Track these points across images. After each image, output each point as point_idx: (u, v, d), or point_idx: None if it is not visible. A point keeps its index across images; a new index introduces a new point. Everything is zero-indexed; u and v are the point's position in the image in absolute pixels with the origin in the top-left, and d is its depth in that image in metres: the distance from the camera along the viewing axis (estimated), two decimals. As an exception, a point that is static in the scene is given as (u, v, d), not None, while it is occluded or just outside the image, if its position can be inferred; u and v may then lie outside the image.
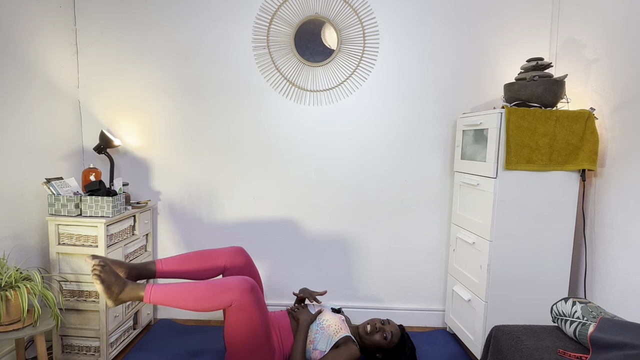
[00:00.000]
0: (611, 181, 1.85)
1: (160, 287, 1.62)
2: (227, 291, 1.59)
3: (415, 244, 2.50)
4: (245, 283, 1.62)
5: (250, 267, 1.98)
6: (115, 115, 2.45)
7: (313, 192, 2.48)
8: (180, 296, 1.59)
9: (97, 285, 1.55)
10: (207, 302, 1.58)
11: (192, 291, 1.59)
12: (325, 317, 1.94)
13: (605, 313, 1.45)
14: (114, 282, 1.57)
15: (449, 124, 2.42)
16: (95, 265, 1.57)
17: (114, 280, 1.57)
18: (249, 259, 1.98)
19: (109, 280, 1.56)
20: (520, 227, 1.92)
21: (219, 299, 1.58)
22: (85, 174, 2.18)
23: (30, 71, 2.04)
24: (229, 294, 1.59)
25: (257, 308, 1.63)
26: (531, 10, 2.32)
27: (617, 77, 1.84)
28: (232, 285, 1.61)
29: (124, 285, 1.59)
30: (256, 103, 2.42)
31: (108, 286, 1.55)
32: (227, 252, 1.93)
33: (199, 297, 1.58)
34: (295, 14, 2.34)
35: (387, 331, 1.90)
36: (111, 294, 1.56)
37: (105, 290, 1.55)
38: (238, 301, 1.59)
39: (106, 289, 1.55)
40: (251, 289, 1.62)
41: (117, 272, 1.61)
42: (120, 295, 1.58)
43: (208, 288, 1.60)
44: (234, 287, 1.60)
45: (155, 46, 2.39)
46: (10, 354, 1.93)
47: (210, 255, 1.90)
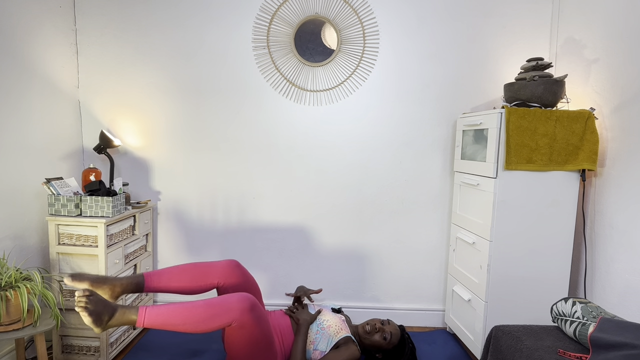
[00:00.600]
0: (611, 181, 1.85)
1: (155, 309, 1.50)
2: (227, 312, 1.51)
3: (415, 244, 2.50)
4: (245, 302, 1.55)
5: (247, 280, 1.87)
6: (115, 115, 2.45)
7: (313, 192, 2.48)
8: (178, 320, 1.49)
9: (84, 318, 1.41)
10: (207, 324, 1.50)
11: (190, 314, 1.49)
12: (325, 318, 1.94)
13: (605, 313, 1.45)
14: (102, 310, 1.43)
15: (449, 124, 2.41)
16: (80, 297, 1.42)
17: (103, 309, 1.44)
18: (244, 272, 1.87)
19: (97, 310, 1.42)
20: (520, 227, 1.92)
21: (219, 320, 1.51)
22: (85, 174, 2.18)
23: (30, 71, 2.04)
24: (228, 315, 1.51)
25: (257, 325, 1.58)
26: (531, 10, 2.32)
27: (617, 77, 1.84)
28: (231, 305, 1.53)
29: (114, 311, 1.46)
30: (256, 103, 2.42)
31: (97, 316, 1.42)
32: (220, 267, 1.81)
33: (198, 321, 1.49)
34: (295, 14, 2.34)
35: (387, 332, 1.90)
36: (100, 322, 1.43)
37: (94, 322, 1.42)
38: (239, 321, 1.53)
39: (95, 320, 1.42)
40: (251, 308, 1.55)
41: (104, 299, 1.48)
42: (110, 322, 1.45)
43: (207, 309, 1.51)
44: (234, 308, 1.52)
45: (155, 46, 2.39)
46: (10, 354, 1.93)
47: (203, 271, 1.78)
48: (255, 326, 1.57)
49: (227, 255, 2.54)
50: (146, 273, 1.74)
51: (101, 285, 1.61)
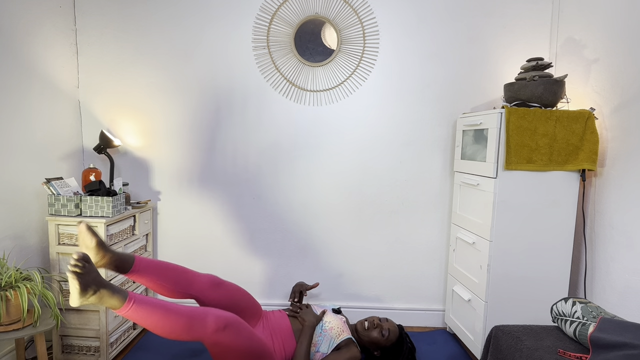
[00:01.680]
0: (611, 181, 1.85)
1: (142, 305, 1.46)
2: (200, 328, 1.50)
3: (415, 244, 2.50)
4: (219, 322, 1.53)
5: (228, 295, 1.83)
6: (115, 115, 2.45)
7: (313, 192, 2.48)
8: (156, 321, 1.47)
9: (72, 282, 1.36)
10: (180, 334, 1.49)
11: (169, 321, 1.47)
12: (327, 319, 1.93)
13: (605, 313, 1.45)
14: (91, 281, 1.38)
15: (449, 124, 2.41)
16: (77, 261, 1.37)
17: (92, 280, 1.39)
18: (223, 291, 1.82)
19: (86, 280, 1.38)
20: (520, 227, 1.92)
21: (192, 333, 1.50)
22: (85, 174, 2.18)
23: (30, 71, 2.04)
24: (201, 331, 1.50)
25: (236, 340, 1.55)
26: (531, 10, 2.32)
27: (617, 77, 1.84)
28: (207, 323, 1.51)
29: (101, 287, 1.40)
30: (256, 103, 2.42)
31: (85, 286, 1.37)
32: (202, 282, 1.79)
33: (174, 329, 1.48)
34: (295, 14, 2.34)
35: (385, 328, 1.91)
36: (84, 293, 1.38)
37: (80, 290, 1.37)
38: (209, 339, 1.52)
39: (81, 289, 1.37)
40: (225, 327, 1.53)
41: (97, 271, 1.44)
42: (93, 296, 1.40)
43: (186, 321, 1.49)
44: (208, 326, 1.51)
45: (155, 46, 2.39)
46: (10, 354, 1.93)
47: (188, 279, 1.77)
48: (232, 343, 1.55)
49: (227, 255, 2.53)
50: (138, 257, 1.70)
51: (100, 249, 1.58)
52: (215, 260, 2.54)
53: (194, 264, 2.53)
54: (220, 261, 2.54)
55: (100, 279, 1.42)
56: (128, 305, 1.44)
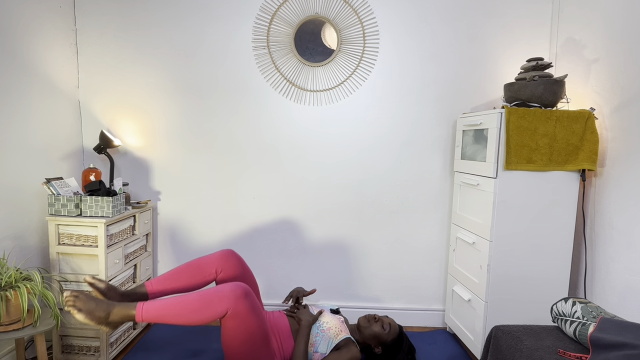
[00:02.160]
0: (611, 181, 1.85)
1: (152, 303, 1.54)
2: (220, 300, 1.53)
3: (415, 244, 2.50)
4: (238, 289, 1.56)
5: (243, 270, 1.91)
6: (115, 115, 2.45)
7: (313, 192, 2.48)
8: (173, 311, 1.52)
9: (76, 316, 1.47)
10: (201, 314, 1.52)
11: (185, 305, 1.53)
12: (325, 319, 1.93)
13: (605, 313, 1.45)
14: (94, 307, 1.48)
15: (449, 124, 2.42)
16: (68, 297, 1.48)
17: (95, 306, 1.48)
18: (240, 260, 1.91)
19: (87, 308, 1.47)
20: (520, 227, 1.92)
21: (213, 309, 1.53)
22: (85, 174, 2.19)
23: (30, 71, 2.04)
24: (222, 303, 1.53)
25: (252, 313, 1.59)
26: (531, 10, 2.32)
27: (617, 77, 1.84)
28: (225, 293, 1.55)
29: (110, 307, 1.50)
30: (256, 103, 2.42)
31: (89, 313, 1.47)
32: (216, 257, 1.86)
33: (193, 311, 1.52)
34: (295, 14, 2.34)
35: (386, 322, 1.94)
36: (98, 319, 1.48)
37: (88, 318, 1.47)
38: (233, 309, 1.54)
39: (88, 316, 1.47)
40: (245, 295, 1.56)
41: (94, 297, 1.52)
42: (110, 319, 1.50)
43: (200, 299, 1.53)
44: (227, 296, 1.54)
45: (155, 46, 2.39)
46: (10, 354, 1.93)
47: (200, 265, 1.83)
48: (249, 315, 1.57)
49: (227, 255, 2.53)
50: (147, 282, 1.80)
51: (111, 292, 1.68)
52: (215, 260, 2.53)
53: (194, 264, 2.53)
54: (220, 261, 2.54)
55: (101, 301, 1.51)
56: (140, 308, 1.52)
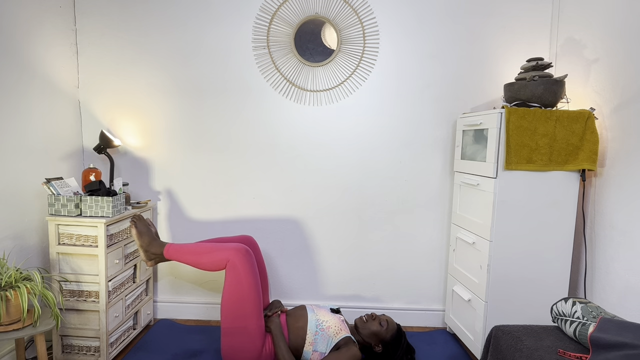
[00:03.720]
0: (611, 181, 1.85)
1: (175, 246, 1.92)
2: (224, 250, 1.83)
3: (415, 244, 2.50)
4: (240, 247, 1.84)
5: (257, 255, 2.15)
6: (115, 115, 2.45)
7: (313, 192, 2.48)
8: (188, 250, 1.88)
9: (132, 231, 1.91)
10: (207, 257, 1.83)
11: (197, 248, 1.88)
12: (325, 318, 1.93)
13: (605, 313, 1.45)
14: (145, 232, 1.91)
15: (449, 124, 2.42)
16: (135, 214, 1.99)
17: (146, 231, 1.92)
18: (256, 247, 2.17)
19: (142, 230, 1.91)
20: (520, 227, 1.92)
21: (217, 255, 1.82)
22: (85, 174, 2.18)
23: (30, 71, 2.04)
24: (225, 252, 1.82)
25: (249, 271, 1.81)
26: (531, 10, 2.32)
27: (617, 77, 1.84)
28: (229, 246, 1.85)
29: (152, 239, 1.92)
30: (256, 103, 2.43)
31: (141, 234, 1.90)
32: (236, 241, 2.10)
33: (201, 253, 1.85)
34: (295, 14, 2.34)
35: (383, 319, 1.96)
36: (143, 242, 1.89)
37: (138, 237, 1.89)
38: (232, 260, 1.80)
39: (139, 236, 1.90)
40: (245, 252, 1.83)
41: (149, 228, 1.95)
42: (150, 247, 1.90)
43: (209, 246, 1.87)
44: (231, 248, 1.83)
45: (155, 46, 2.39)
46: (10, 354, 1.93)
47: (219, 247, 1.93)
48: (246, 272, 1.80)
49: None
50: (167, 245, 1.96)
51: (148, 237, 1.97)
52: (215, 260, 2.54)
53: (194, 264, 2.54)
54: (220, 261, 2.54)
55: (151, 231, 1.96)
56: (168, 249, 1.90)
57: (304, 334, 1.88)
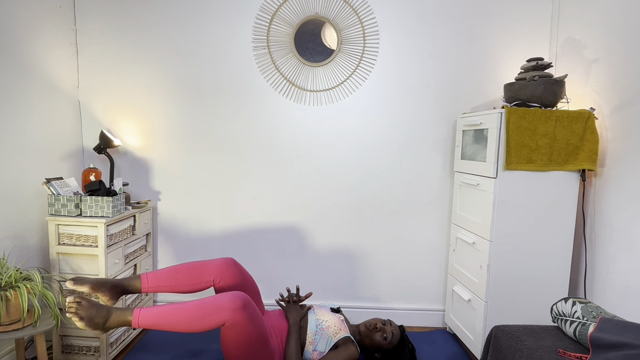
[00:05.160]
0: (611, 181, 1.85)
1: (149, 310, 1.54)
2: (218, 311, 1.52)
3: (415, 244, 2.50)
4: (237, 301, 1.55)
5: (243, 278, 1.88)
6: (115, 115, 2.45)
7: (313, 192, 2.48)
8: (170, 320, 1.52)
9: (77, 323, 1.48)
10: (199, 324, 1.52)
11: (183, 313, 1.52)
12: (324, 318, 1.93)
13: (605, 313, 1.45)
14: (94, 314, 1.49)
15: (449, 124, 2.41)
16: (70, 303, 1.49)
17: (95, 313, 1.50)
18: (240, 270, 1.88)
19: (89, 315, 1.49)
20: (520, 227, 1.92)
21: (211, 320, 1.52)
22: (85, 174, 2.19)
23: (30, 71, 2.04)
24: (220, 314, 1.52)
25: (250, 323, 1.58)
26: (531, 10, 2.32)
27: (617, 77, 1.84)
28: (223, 304, 1.54)
29: (108, 314, 1.51)
30: (256, 103, 2.42)
31: (89, 320, 1.49)
32: (216, 265, 1.82)
33: (190, 320, 1.51)
34: (295, 14, 2.34)
35: (388, 332, 1.90)
36: (96, 326, 1.50)
37: (87, 326, 1.48)
38: (231, 320, 1.53)
39: (88, 324, 1.48)
40: (243, 307, 1.55)
41: (96, 303, 1.53)
42: (107, 324, 1.51)
43: (199, 309, 1.53)
44: (226, 307, 1.53)
45: (155, 46, 2.39)
46: (10, 354, 1.93)
47: (199, 270, 1.80)
48: (248, 325, 1.57)
49: (226, 255, 2.53)
50: (143, 274, 1.78)
51: (101, 288, 1.67)
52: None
53: (194, 264, 2.53)
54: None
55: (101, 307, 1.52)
56: (136, 316, 1.52)
57: (304, 334, 1.88)
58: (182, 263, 1.83)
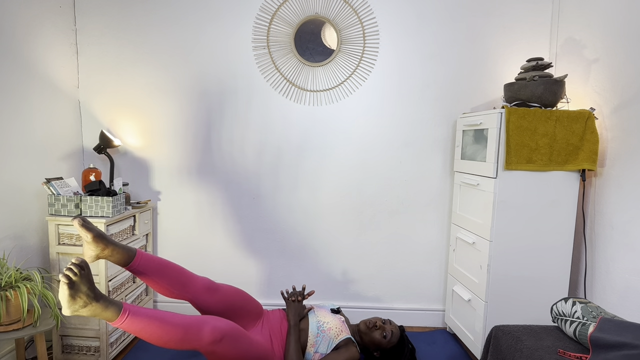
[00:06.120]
0: (611, 181, 1.85)
1: (133, 320, 1.43)
2: (198, 340, 1.50)
3: (415, 244, 2.50)
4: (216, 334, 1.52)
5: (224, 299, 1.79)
6: (115, 115, 2.45)
7: (313, 192, 2.48)
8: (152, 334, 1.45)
9: (62, 288, 1.32)
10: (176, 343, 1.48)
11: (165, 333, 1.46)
12: (325, 320, 1.93)
13: (605, 313, 1.45)
14: (83, 291, 1.34)
15: (449, 124, 2.41)
16: (74, 264, 1.35)
17: (85, 290, 1.34)
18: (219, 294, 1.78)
19: (78, 288, 1.33)
20: (520, 227, 1.92)
21: (189, 343, 1.50)
22: (85, 174, 2.19)
23: (30, 71, 2.04)
24: (199, 343, 1.50)
25: (233, 349, 1.56)
26: (531, 10, 2.32)
27: (617, 77, 1.84)
28: (203, 335, 1.50)
29: (92, 301, 1.36)
30: (256, 103, 2.42)
31: (75, 293, 1.33)
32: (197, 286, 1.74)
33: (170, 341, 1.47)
34: (295, 14, 2.34)
35: (387, 330, 1.90)
36: (73, 304, 1.34)
37: (68, 298, 1.32)
38: (207, 349, 1.52)
39: (70, 297, 1.32)
40: (221, 339, 1.52)
41: (92, 282, 1.39)
42: (85, 309, 1.36)
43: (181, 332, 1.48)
44: (205, 339, 1.50)
45: (155, 46, 2.39)
46: (10, 354, 1.93)
47: (183, 281, 1.72)
48: (228, 352, 1.55)
49: (226, 255, 2.53)
50: (140, 251, 1.67)
51: (99, 241, 1.56)
52: (215, 260, 2.54)
53: (193, 264, 2.53)
54: (220, 261, 2.54)
55: (93, 289, 1.38)
56: (123, 317, 1.41)
57: (305, 336, 1.87)
58: (176, 264, 1.75)
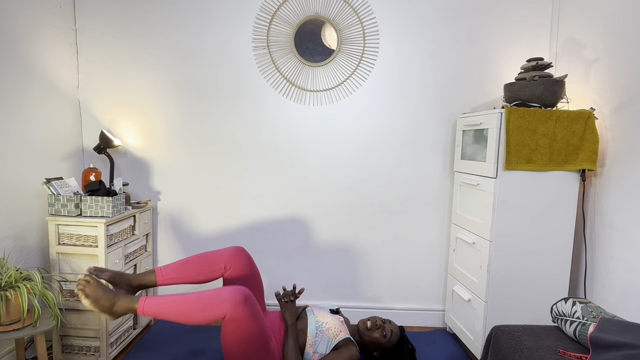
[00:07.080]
0: (611, 181, 1.85)
1: (154, 299, 1.58)
2: (219, 304, 1.54)
3: (415, 244, 2.50)
4: (238, 295, 1.56)
5: (252, 268, 1.93)
6: (115, 115, 2.45)
7: (313, 192, 2.48)
8: (173, 310, 1.56)
9: (82, 300, 1.53)
10: (200, 315, 1.54)
11: (185, 305, 1.55)
12: (324, 320, 1.93)
13: (605, 313, 1.45)
14: (101, 295, 1.54)
15: (449, 124, 2.41)
16: (80, 280, 1.55)
17: (102, 294, 1.54)
18: (249, 258, 1.93)
19: (94, 295, 1.53)
20: (520, 227, 1.92)
21: (212, 312, 1.54)
22: (85, 174, 2.19)
23: (30, 71, 2.04)
24: (221, 307, 1.53)
25: (251, 319, 1.58)
26: (531, 10, 2.32)
27: (617, 77, 1.84)
28: (224, 297, 1.55)
29: (115, 298, 1.56)
30: (256, 103, 2.43)
31: (95, 300, 1.53)
32: (227, 253, 1.88)
33: (192, 311, 1.54)
34: (295, 14, 2.34)
35: (387, 329, 1.90)
36: (102, 307, 1.54)
37: (93, 305, 1.53)
38: (231, 314, 1.54)
39: (93, 303, 1.53)
40: (244, 301, 1.56)
41: (104, 285, 1.58)
42: (114, 309, 1.56)
43: (201, 301, 1.55)
44: (227, 300, 1.54)
45: (155, 46, 2.39)
46: (10, 354, 1.93)
47: (210, 259, 1.86)
48: (248, 321, 1.57)
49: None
50: (157, 268, 1.83)
51: (118, 283, 1.74)
52: (215, 260, 2.53)
53: (194, 264, 2.53)
54: (220, 261, 2.54)
55: (108, 291, 1.57)
56: (142, 303, 1.56)
57: (304, 336, 1.87)
58: (192, 255, 1.89)
